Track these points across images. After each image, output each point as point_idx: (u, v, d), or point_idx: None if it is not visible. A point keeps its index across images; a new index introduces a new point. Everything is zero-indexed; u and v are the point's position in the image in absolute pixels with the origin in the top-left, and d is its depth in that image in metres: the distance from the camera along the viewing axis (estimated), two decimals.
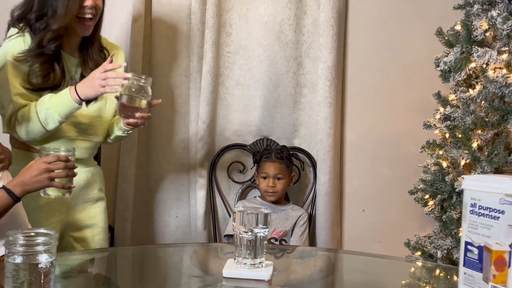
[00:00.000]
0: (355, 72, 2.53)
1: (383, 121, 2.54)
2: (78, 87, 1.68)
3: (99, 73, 1.65)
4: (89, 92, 1.67)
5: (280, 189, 2.33)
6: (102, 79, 1.64)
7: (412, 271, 1.61)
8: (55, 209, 1.82)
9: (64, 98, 1.69)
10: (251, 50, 2.48)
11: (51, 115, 1.69)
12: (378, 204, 2.56)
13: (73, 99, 1.68)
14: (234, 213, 1.29)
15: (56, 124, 1.71)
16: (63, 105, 1.69)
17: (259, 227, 1.29)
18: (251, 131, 2.52)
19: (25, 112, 1.72)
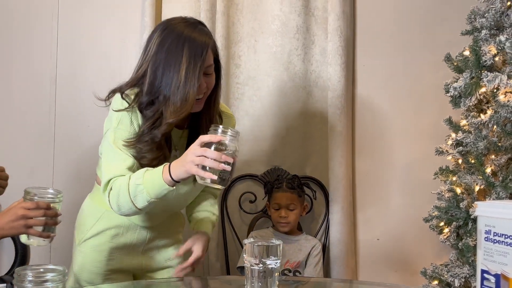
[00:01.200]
0: (364, 100, 2.52)
1: (394, 148, 2.52)
2: (172, 166, 1.44)
3: (194, 147, 1.40)
4: (180, 172, 1.42)
5: (293, 219, 2.31)
6: (197, 156, 1.37)
7: None
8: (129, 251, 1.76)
9: (156, 177, 1.45)
10: (260, 81, 2.49)
11: (141, 193, 1.46)
12: (393, 233, 2.52)
13: (164, 180, 1.44)
14: (245, 244, 1.28)
15: (145, 203, 1.47)
16: (154, 185, 1.45)
17: (270, 258, 1.26)
18: (262, 161, 2.52)
19: (119, 181, 1.50)
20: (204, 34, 1.53)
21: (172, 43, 1.51)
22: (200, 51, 1.50)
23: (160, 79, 1.52)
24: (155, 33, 1.56)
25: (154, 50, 1.54)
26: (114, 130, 1.57)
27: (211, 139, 1.37)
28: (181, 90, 1.49)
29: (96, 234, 1.74)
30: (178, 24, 1.55)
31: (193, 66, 1.49)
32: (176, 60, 1.50)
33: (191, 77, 1.49)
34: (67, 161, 2.51)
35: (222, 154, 1.35)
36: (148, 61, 1.54)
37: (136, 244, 1.76)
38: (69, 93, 2.52)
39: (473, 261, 2.06)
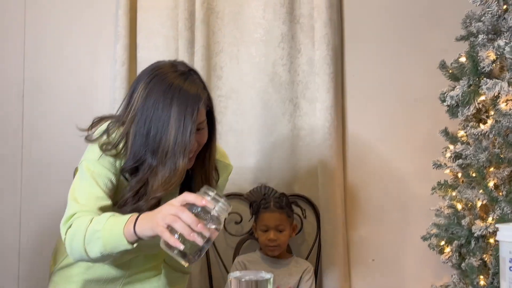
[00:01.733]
0: (355, 111, 2.38)
1: (388, 162, 2.38)
2: (141, 217, 1.22)
3: (172, 203, 1.18)
4: (145, 228, 1.20)
5: (283, 242, 2.14)
6: (170, 214, 1.15)
7: None
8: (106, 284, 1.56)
9: (117, 227, 1.23)
10: (243, 94, 2.34)
11: (96, 242, 1.25)
12: (388, 253, 2.37)
13: (125, 233, 1.22)
14: (230, 279, 1.10)
15: (98, 255, 1.26)
16: (113, 235, 1.23)
17: None
18: (247, 179, 2.35)
19: (81, 223, 1.29)
20: (196, 85, 1.35)
21: (159, 98, 1.32)
22: (191, 110, 1.30)
23: (145, 142, 1.33)
24: (140, 82, 1.36)
25: (139, 104, 1.34)
26: (94, 162, 1.38)
27: (195, 201, 1.16)
28: (170, 158, 1.30)
29: (70, 264, 1.56)
30: (167, 74, 1.34)
31: (183, 129, 1.30)
32: (164, 121, 1.31)
33: (181, 142, 1.30)
34: (37, 182, 2.31)
35: (200, 222, 1.13)
36: (133, 117, 1.34)
37: (114, 277, 1.57)
38: (38, 110, 2.33)
39: (478, 283, 1.90)
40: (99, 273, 1.55)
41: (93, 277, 1.55)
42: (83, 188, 1.36)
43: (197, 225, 1.13)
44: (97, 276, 1.55)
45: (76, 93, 2.32)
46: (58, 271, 1.58)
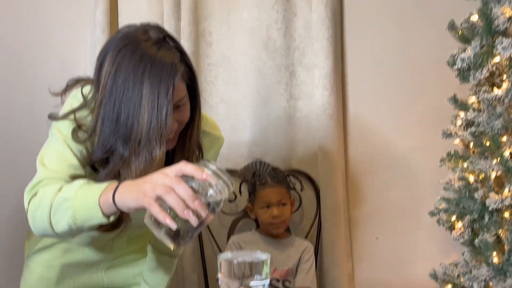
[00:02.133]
0: (356, 79, 2.20)
1: (392, 134, 2.21)
2: (122, 186, 1.02)
3: (164, 172, 0.99)
4: (128, 198, 1.00)
5: (287, 217, 1.98)
6: (163, 184, 0.96)
7: None
8: (87, 268, 1.42)
9: (92, 195, 1.04)
10: (235, 61, 2.16)
11: (64, 212, 1.06)
12: (393, 230, 2.21)
13: (101, 202, 1.02)
14: (220, 262, 0.94)
15: (65, 228, 1.07)
16: (85, 205, 1.04)
17: (255, 278, 0.93)
18: (241, 154, 2.18)
19: (49, 190, 1.11)
20: (171, 55, 1.14)
21: (129, 75, 1.11)
22: (165, 87, 1.10)
23: (114, 129, 1.13)
24: (108, 55, 1.15)
25: (108, 83, 1.13)
26: (67, 127, 1.19)
27: (194, 173, 0.96)
28: (144, 147, 1.10)
29: (46, 246, 1.40)
30: (138, 44, 1.12)
31: (157, 111, 1.09)
32: (135, 103, 1.10)
33: (156, 127, 1.09)
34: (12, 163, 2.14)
35: (197, 199, 0.94)
36: (101, 100, 1.15)
37: (96, 261, 1.41)
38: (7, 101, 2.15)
39: (492, 261, 1.75)
40: (78, 257, 1.40)
41: (72, 261, 1.40)
42: (54, 153, 1.18)
43: (193, 201, 0.93)
44: (76, 260, 1.40)
45: (55, 61, 2.14)
46: (34, 255, 1.42)
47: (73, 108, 1.22)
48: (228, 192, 0.98)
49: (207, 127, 1.37)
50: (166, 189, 0.94)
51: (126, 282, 1.49)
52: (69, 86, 1.28)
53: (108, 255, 1.42)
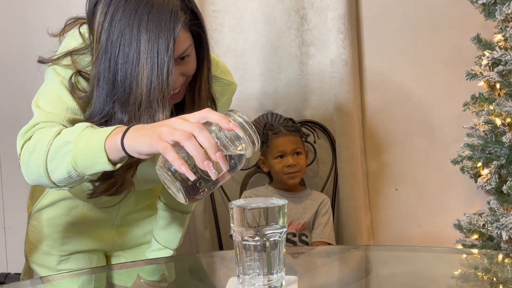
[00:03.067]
0: (372, 21, 2.07)
1: (411, 79, 2.09)
2: (132, 129, 0.89)
3: (184, 117, 0.87)
4: (139, 142, 0.86)
5: (303, 167, 1.89)
6: (183, 128, 0.83)
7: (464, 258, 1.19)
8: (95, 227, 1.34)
9: (97, 138, 0.91)
10: (242, 7, 2.03)
11: (63, 157, 0.93)
12: (413, 180, 2.12)
13: (106, 146, 0.89)
14: (232, 209, 0.85)
15: (64, 175, 0.95)
16: (88, 149, 0.91)
17: (271, 227, 0.84)
18: (251, 106, 2.08)
19: (45, 130, 1.00)
20: (169, 2, 1.01)
21: (124, 28, 0.99)
22: (165, 40, 0.98)
23: (111, 91, 1.01)
24: (99, 3, 1.02)
25: (102, 38, 1.01)
26: (64, 69, 1.08)
27: (220, 121, 0.83)
28: (145, 110, 0.98)
29: (50, 204, 1.32)
30: None
31: (158, 68, 0.97)
32: (133, 61, 0.98)
33: (157, 87, 0.97)
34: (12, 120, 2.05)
35: (220, 150, 0.81)
36: (96, 57, 1.02)
37: (103, 219, 1.33)
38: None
39: None
40: (84, 214, 1.31)
41: (78, 219, 1.31)
42: (49, 95, 1.06)
43: (215, 152, 0.80)
44: (82, 218, 1.31)
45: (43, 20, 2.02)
46: (36, 214, 1.34)
47: (69, 50, 1.10)
48: (253, 149, 0.85)
49: (217, 72, 1.24)
50: (186, 135, 0.81)
51: (136, 241, 1.41)
52: (67, 25, 1.15)
53: (115, 213, 1.34)
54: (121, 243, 1.40)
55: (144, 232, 1.41)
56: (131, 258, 1.40)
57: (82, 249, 1.34)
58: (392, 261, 1.18)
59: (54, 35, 1.15)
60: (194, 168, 0.81)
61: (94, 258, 1.38)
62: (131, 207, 1.36)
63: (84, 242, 1.35)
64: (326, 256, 1.31)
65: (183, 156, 0.81)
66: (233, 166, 0.84)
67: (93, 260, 1.38)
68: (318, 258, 1.29)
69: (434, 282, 1.03)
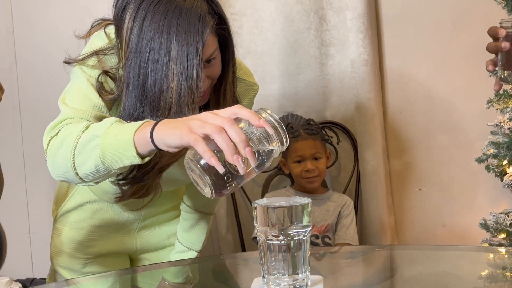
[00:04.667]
0: (392, 19, 2.04)
1: (433, 76, 2.06)
2: (162, 122, 0.88)
3: (213, 115, 0.85)
4: (168, 134, 0.86)
5: (322, 171, 1.87)
6: (214, 122, 0.83)
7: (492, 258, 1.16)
8: (118, 229, 1.34)
9: (126, 132, 0.91)
10: (261, 8, 2.03)
11: (91, 151, 0.94)
12: (437, 180, 2.08)
13: (135, 140, 0.89)
14: (255, 208, 0.84)
15: (91, 169, 0.95)
16: (116, 143, 0.91)
17: (295, 225, 0.83)
18: (271, 108, 2.03)
19: (73, 126, 1.01)
20: (198, 5, 1.01)
21: (154, 33, 1.00)
22: (195, 45, 0.99)
23: (141, 96, 1.03)
24: (128, 7, 1.03)
25: (132, 43, 1.03)
26: (91, 69, 1.09)
27: (250, 118, 0.83)
28: (175, 114, 1.00)
29: (74, 207, 1.33)
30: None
31: (187, 73, 0.99)
32: (163, 66, 1.00)
33: (187, 91, 0.99)
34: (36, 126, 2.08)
35: (250, 146, 0.82)
36: (126, 61, 1.04)
37: (127, 221, 1.34)
38: (30, 46, 2.07)
39: None
40: (108, 217, 1.32)
41: (102, 222, 1.33)
42: (76, 92, 1.07)
43: (245, 147, 0.81)
44: (106, 221, 1.32)
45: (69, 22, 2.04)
46: (61, 217, 1.36)
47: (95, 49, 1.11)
48: (282, 148, 0.85)
49: (240, 73, 1.24)
50: (217, 128, 0.81)
51: (160, 243, 1.41)
52: (93, 27, 1.17)
53: (139, 215, 1.35)
54: (145, 245, 1.40)
55: (168, 234, 1.42)
56: (155, 260, 1.41)
57: (106, 252, 1.36)
58: (418, 261, 1.16)
59: (81, 37, 1.17)
60: (223, 163, 0.81)
61: (118, 261, 1.39)
62: (155, 209, 1.36)
63: (109, 245, 1.36)
64: (350, 256, 1.29)
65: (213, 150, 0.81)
66: (260, 163, 0.84)
67: (118, 263, 1.39)
68: (343, 259, 1.28)
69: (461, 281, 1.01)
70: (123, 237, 1.37)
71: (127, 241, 1.38)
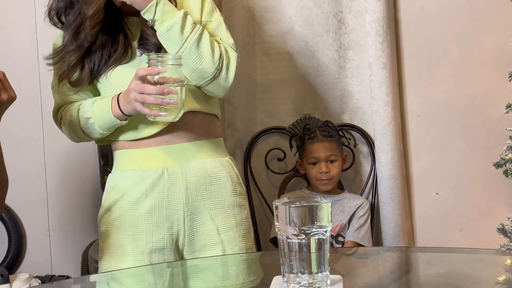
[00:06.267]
0: (410, 23, 2.05)
1: (452, 81, 2.05)
2: (121, 98, 1.30)
3: (134, 83, 1.23)
4: (129, 109, 1.28)
5: (336, 174, 1.88)
6: (138, 93, 1.22)
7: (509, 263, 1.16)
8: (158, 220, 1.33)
9: (105, 110, 1.32)
10: (280, 11, 2.04)
11: (92, 127, 1.36)
12: (454, 184, 2.08)
13: (114, 113, 1.31)
14: (276, 207, 0.85)
15: (98, 136, 1.38)
16: (104, 118, 1.33)
17: (316, 225, 0.84)
18: (288, 110, 2.08)
19: (69, 112, 1.39)
20: None
21: None
22: None
23: None
24: None
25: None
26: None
27: (149, 72, 1.20)
28: None
29: (111, 205, 1.35)
30: None
31: None
32: None
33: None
34: None
35: (165, 87, 1.19)
36: None
37: (169, 205, 1.32)
38: None
39: None
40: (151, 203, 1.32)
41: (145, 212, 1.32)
42: (54, 82, 1.41)
43: (163, 90, 1.18)
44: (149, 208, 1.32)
45: None
46: (102, 219, 1.37)
47: None
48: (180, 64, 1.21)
49: None
50: (142, 97, 1.20)
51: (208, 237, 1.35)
52: None
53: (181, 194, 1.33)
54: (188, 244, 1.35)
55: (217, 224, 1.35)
56: None
57: (155, 246, 1.32)
58: (435, 262, 1.16)
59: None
60: None
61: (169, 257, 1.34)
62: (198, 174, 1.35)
63: (157, 237, 1.32)
64: (367, 256, 1.30)
65: None
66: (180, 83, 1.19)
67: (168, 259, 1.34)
68: (360, 259, 1.28)
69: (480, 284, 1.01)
70: (172, 228, 1.32)
71: (174, 232, 1.32)
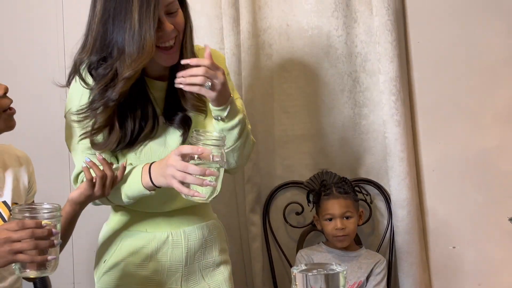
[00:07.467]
0: (423, 82, 2.11)
1: (465, 136, 2.10)
2: (153, 169, 1.29)
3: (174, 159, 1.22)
4: (161, 181, 1.28)
5: (352, 230, 1.92)
6: (178, 170, 1.21)
7: None
8: (161, 282, 1.42)
9: (134, 179, 1.31)
10: (296, 72, 2.13)
11: (117, 194, 1.34)
12: (471, 238, 2.10)
13: (143, 183, 1.30)
14: (294, 273, 0.91)
15: (122, 203, 1.37)
16: (132, 187, 1.32)
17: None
18: (306, 165, 2.14)
19: None
20: None
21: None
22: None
23: (111, 31, 1.28)
24: None
25: (102, 2, 1.30)
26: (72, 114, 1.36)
27: (192, 152, 1.21)
28: (136, 38, 1.24)
29: (114, 265, 1.42)
30: None
31: (146, 5, 1.24)
32: (126, 4, 1.25)
33: (145, 19, 1.23)
34: None
35: (207, 169, 1.20)
36: (96, 16, 1.31)
37: (171, 267, 1.41)
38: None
39: None
40: (153, 267, 1.42)
41: (146, 276, 1.42)
42: (75, 142, 1.38)
43: (205, 172, 1.20)
44: (151, 272, 1.42)
45: None
46: (104, 276, 1.44)
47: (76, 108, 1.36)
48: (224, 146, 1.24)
49: None
50: (182, 175, 1.21)
51: None
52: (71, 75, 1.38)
53: (181, 259, 1.43)
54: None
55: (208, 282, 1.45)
56: None
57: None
58: None
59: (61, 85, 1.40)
60: None
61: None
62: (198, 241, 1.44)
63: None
64: None
65: None
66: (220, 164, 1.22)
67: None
68: None
69: None
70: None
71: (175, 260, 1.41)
